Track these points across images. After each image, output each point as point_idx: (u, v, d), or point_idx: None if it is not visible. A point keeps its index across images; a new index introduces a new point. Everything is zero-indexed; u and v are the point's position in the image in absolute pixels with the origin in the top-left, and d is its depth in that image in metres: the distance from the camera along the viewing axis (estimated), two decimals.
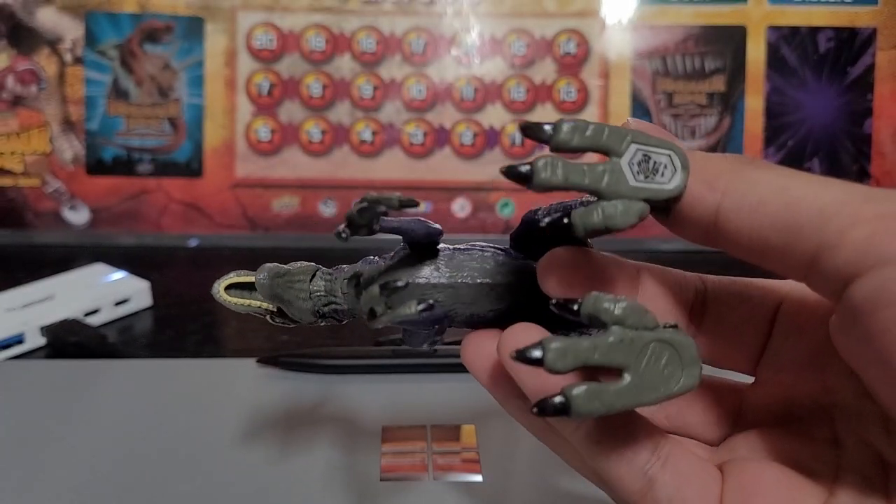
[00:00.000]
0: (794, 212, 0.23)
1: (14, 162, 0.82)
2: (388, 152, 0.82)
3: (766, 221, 0.23)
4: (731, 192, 0.24)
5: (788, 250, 0.23)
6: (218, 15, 0.82)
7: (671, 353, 0.25)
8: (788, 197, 0.23)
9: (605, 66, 0.82)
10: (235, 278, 0.33)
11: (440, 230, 0.30)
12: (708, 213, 0.25)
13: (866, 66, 0.82)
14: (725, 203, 0.24)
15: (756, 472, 0.28)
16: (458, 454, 0.47)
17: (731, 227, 0.24)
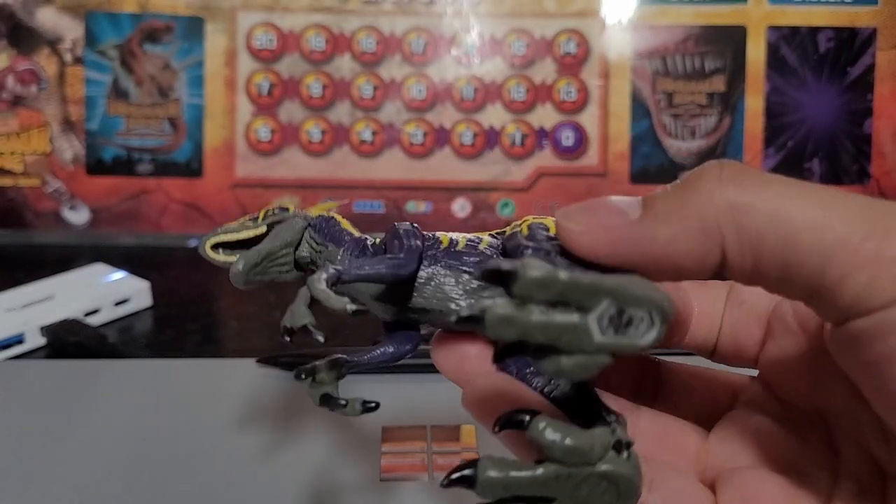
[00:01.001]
0: (793, 249, 0.22)
1: (14, 162, 0.82)
2: (387, 152, 0.82)
3: (765, 256, 0.23)
4: (728, 232, 0.23)
5: (788, 284, 0.23)
6: (218, 15, 0.82)
7: (608, 485, 0.24)
8: (786, 230, 0.22)
9: (606, 66, 0.82)
10: (223, 236, 0.32)
11: (413, 265, 0.28)
12: (712, 261, 0.23)
13: (866, 66, 0.82)
14: (726, 245, 0.23)
15: (754, 485, 0.27)
16: (458, 454, 0.47)
17: (735, 264, 0.23)
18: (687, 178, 0.24)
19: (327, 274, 0.27)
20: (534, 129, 0.82)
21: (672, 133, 0.82)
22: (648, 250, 0.23)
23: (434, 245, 0.29)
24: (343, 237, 0.31)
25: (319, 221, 0.32)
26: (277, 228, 0.32)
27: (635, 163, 0.82)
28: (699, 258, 0.23)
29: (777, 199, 0.22)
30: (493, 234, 0.30)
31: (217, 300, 0.75)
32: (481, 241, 0.30)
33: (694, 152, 0.82)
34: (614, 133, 0.82)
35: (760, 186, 0.22)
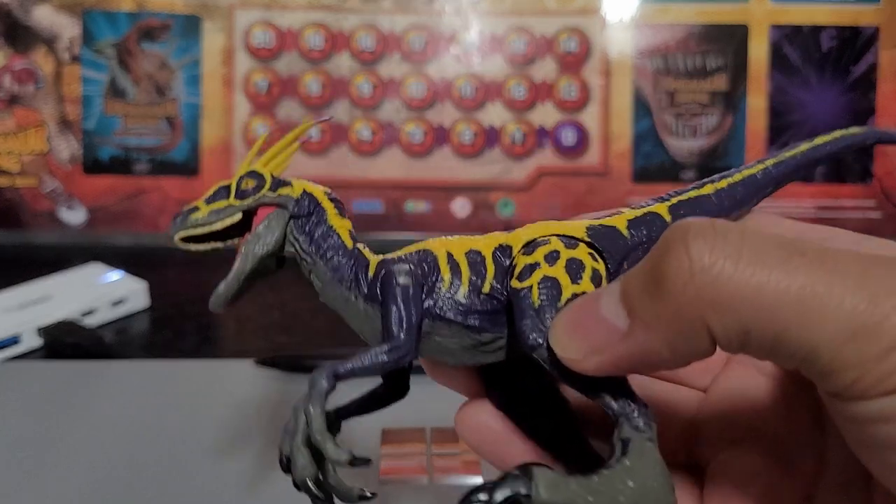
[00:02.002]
0: (780, 343, 0.21)
1: (11, 161, 0.81)
2: (387, 151, 0.82)
3: (752, 346, 0.22)
4: (715, 327, 0.22)
5: (778, 362, 0.23)
6: (215, 13, 0.81)
7: None
8: (772, 329, 0.21)
9: (607, 64, 0.82)
10: (193, 230, 0.29)
11: (413, 350, 0.27)
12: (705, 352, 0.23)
13: (869, 64, 0.82)
14: (715, 336, 0.22)
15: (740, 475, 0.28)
16: (458, 456, 0.47)
17: (723, 348, 0.23)
18: (655, 266, 0.22)
19: (321, 389, 0.25)
20: (534, 128, 0.82)
21: (674, 132, 0.82)
22: (651, 360, 0.23)
23: (434, 286, 0.28)
24: (333, 249, 0.29)
25: (303, 213, 0.29)
26: (254, 234, 0.29)
27: (637, 162, 0.82)
28: (696, 354, 0.23)
29: (759, 292, 0.21)
30: (499, 245, 0.28)
31: None
32: (485, 275, 0.28)
33: (696, 151, 0.82)
34: (616, 132, 0.82)
35: (735, 272, 0.21)
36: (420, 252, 0.28)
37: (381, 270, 0.28)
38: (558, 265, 0.27)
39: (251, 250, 0.29)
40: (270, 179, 0.30)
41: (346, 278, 0.28)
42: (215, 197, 0.29)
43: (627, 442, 0.24)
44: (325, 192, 0.30)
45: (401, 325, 0.26)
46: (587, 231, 0.28)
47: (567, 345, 0.24)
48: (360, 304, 0.28)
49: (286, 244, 0.29)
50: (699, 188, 0.30)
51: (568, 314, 0.25)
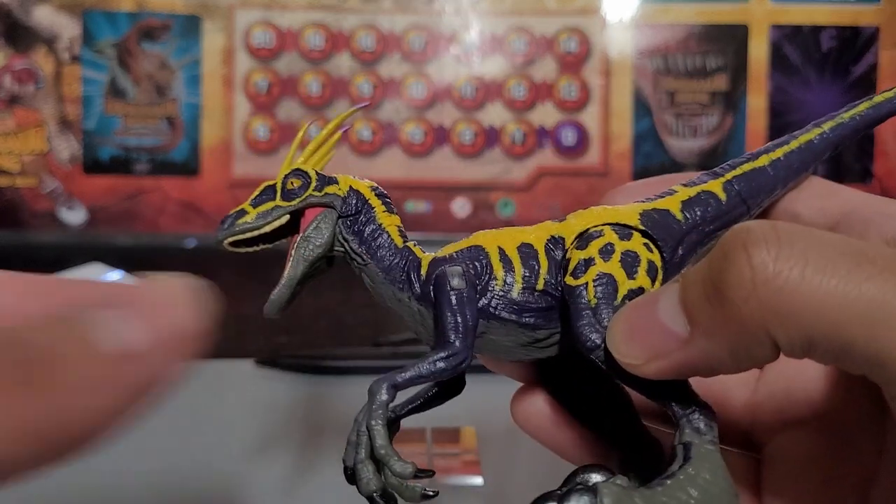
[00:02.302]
0: (846, 353, 0.21)
1: (11, 161, 0.81)
2: (387, 151, 0.82)
3: (818, 355, 0.22)
4: (779, 337, 0.21)
5: (844, 367, 0.22)
6: (216, 13, 0.81)
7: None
8: (839, 340, 0.21)
9: (607, 64, 0.82)
10: (241, 235, 0.28)
11: (469, 355, 0.26)
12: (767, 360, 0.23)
13: (869, 64, 0.81)
14: (780, 344, 0.22)
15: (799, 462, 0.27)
16: (458, 456, 0.47)
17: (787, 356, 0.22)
18: (716, 274, 0.22)
19: (381, 402, 0.26)
20: (534, 128, 0.82)
21: (674, 132, 0.82)
22: (712, 367, 0.23)
23: (487, 286, 0.27)
24: (383, 248, 0.28)
25: (351, 212, 0.28)
26: (302, 237, 0.28)
27: (637, 162, 0.82)
28: (759, 361, 0.22)
29: (825, 305, 0.21)
30: (551, 237, 0.28)
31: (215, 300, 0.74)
32: (539, 270, 0.27)
33: (696, 151, 0.82)
34: (616, 132, 0.82)
35: (801, 282, 0.21)
36: (471, 249, 0.28)
37: (433, 271, 0.27)
38: (613, 260, 0.26)
39: (301, 255, 0.28)
40: (316, 177, 0.29)
41: (397, 279, 0.28)
42: (261, 198, 0.29)
43: (689, 447, 0.24)
44: (371, 188, 0.29)
45: (457, 330, 0.26)
46: (640, 218, 0.27)
47: (626, 350, 0.24)
48: (412, 304, 0.28)
49: (335, 244, 0.29)
50: (753, 160, 0.29)
51: (625, 318, 0.25)
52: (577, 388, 0.30)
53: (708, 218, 0.28)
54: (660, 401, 0.25)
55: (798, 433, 0.28)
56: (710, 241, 0.28)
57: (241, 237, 0.28)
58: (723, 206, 0.28)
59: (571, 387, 0.30)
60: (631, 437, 0.29)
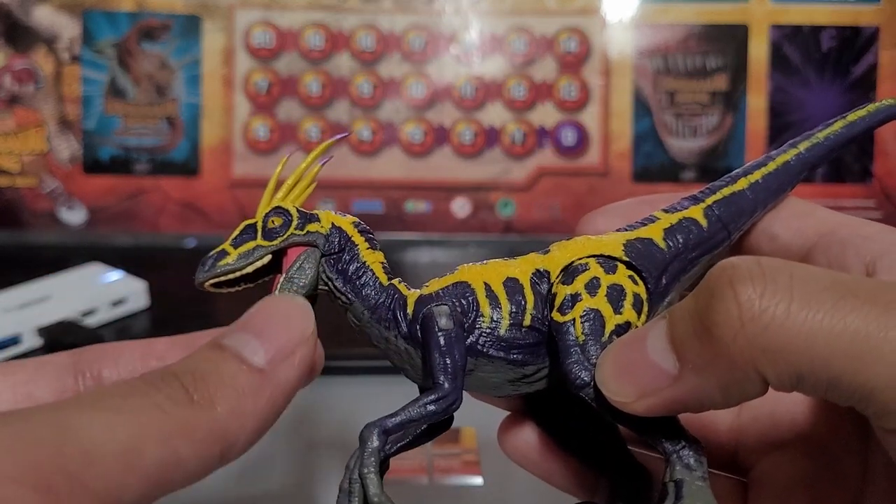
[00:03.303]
0: (834, 388, 0.21)
1: (11, 161, 0.81)
2: (387, 151, 0.82)
3: (806, 390, 0.22)
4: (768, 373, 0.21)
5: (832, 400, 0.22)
6: (216, 13, 0.81)
7: None
8: (826, 375, 0.21)
9: (607, 64, 0.82)
10: (223, 277, 0.28)
11: (460, 396, 0.26)
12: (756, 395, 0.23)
13: (869, 64, 0.81)
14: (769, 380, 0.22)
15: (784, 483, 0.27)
16: (458, 456, 0.47)
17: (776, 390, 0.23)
18: (703, 311, 0.22)
19: (372, 449, 0.25)
20: (534, 128, 0.82)
21: (674, 132, 0.82)
22: (703, 404, 0.23)
23: (474, 323, 0.27)
24: (368, 286, 0.28)
25: (335, 250, 0.28)
26: (286, 278, 0.28)
27: (637, 162, 0.82)
28: (748, 396, 0.23)
29: (811, 340, 0.21)
30: (536, 270, 0.27)
31: (215, 300, 0.74)
32: (525, 305, 0.27)
33: (696, 151, 0.82)
34: (616, 132, 0.82)
35: (787, 318, 0.21)
36: (457, 285, 0.27)
37: (420, 310, 0.27)
38: (599, 294, 0.26)
39: (290, 279, 0.28)
40: (297, 215, 0.29)
41: (383, 317, 0.28)
42: (242, 238, 0.29)
43: (681, 484, 0.24)
44: (353, 224, 0.29)
45: (446, 372, 0.26)
46: (624, 248, 0.27)
47: (616, 388, 0.24)
48: (399, 343, 0.28)
49: (319, 283, 0.28)
50: (732, 183, 0.29)
51: (614, 356, 0.25)
52: (565, 418, 0.30)
53: (690, 245, 0.28)
54: (649, 437, 0.25)
55: (783, 456, 0.28)
56: (692, 267, 0.28)
57: (223, 279, 0.29)
58: (704, 232, 0.28)
59: (558, 417, 0.30)
60: (618, 464, 0.29)
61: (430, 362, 0.26)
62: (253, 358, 0.23)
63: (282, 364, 0.24)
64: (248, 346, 0.23)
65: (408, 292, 0.28)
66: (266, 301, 0.25)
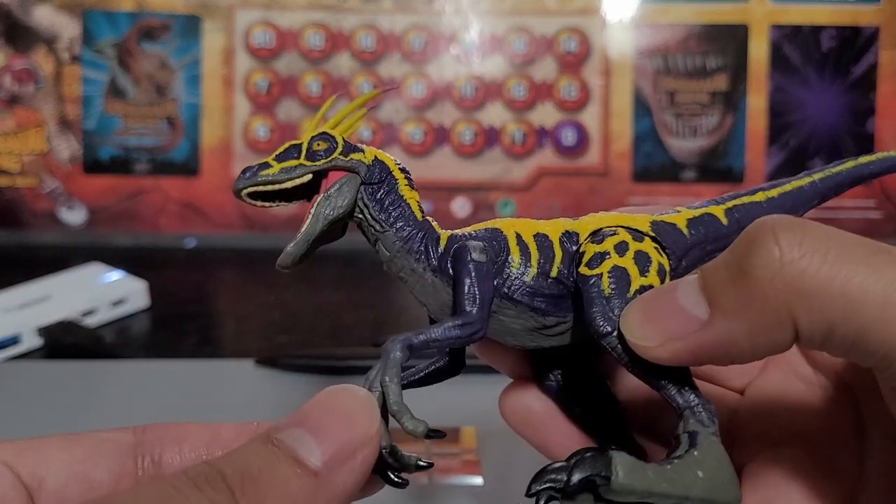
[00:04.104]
0: (863, 340, 0.21)
1: (11, 161, 0.81)
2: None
3: (836, 342, 0.22)
4: (801, 320, 0.22)
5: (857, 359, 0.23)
6: (215, 13, 0.81)
7: None
8: (857, 324, 0.21)
9: (607, 64, 0.82)
10: (262, 187, 0.28)
11: (485, 327, 0.27)
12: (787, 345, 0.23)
13: (869, 64, 0.81)
14: (800, 329, 0.22)
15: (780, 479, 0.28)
16: (458, 456, 0.47)
17: (805, 344, 0.23)
18: (741, 257, 0.22)
19: (396, 360, 0.25)
20: (534, 128, 0.82)
21: (674, 132, 0.82)
22: (730, 351, 0.23)
23: (503, 266, 0.28)
24: (403, 219, 0.28)
25: (375, 180, 0.29)
26: (325, 196, 0.28)
27: (637, 162, 0.82)
28: (776, 346, 0.23)
29: (846, 287, 0.21)
30: (566, 231, 0.28)
31: (215, 300, 0.74)
32: (553, 259, 0.28)
33: (696, 151, 0.82)
34: (616, 132, 0.82)
35: (824, 265, 0.21)
36: (489, 230, 0.28)
37: (452, 245, 0.28)
38: (627, 256, 0.27)
39: (322, 212, 0.28)
40: (343, 143, 0.29)
41: (415, 249, 0.28)
42: (286, 155, 0.29)
43: (695, 435, 0.25)
44: (395, 162, 0.29)
45: (474, 301, 0.27)
46: (651, 226, 0.28)
47: (641, 333, 0.24)
48: (427, 276, 0.28)
49: (356, 209, 0.29)
50: (752, 195, 0.31)
51: (643, 303, 0.25)
52: (572, 389, 0.30)
53: (710, 237, 0.29)
54: (665, 391, 0.25)
55: (779, 453, 0.28)
56: (709, 259, 0.29)
57: (262, 189, 0.28)
58: (724, 228, 0.29)
59: (565, 387, 0.30)
60: (619, 443, 0.29)
61: (459, 292, 0.27)
62: (309, 459, 0.21)
63: (340, 468, 0.21)
64: (304, 444, 0.21)
65: (441, 231, 0.29)
66: (326, 393, 0.23)
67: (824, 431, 0.28)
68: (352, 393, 0.23)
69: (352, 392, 0.23)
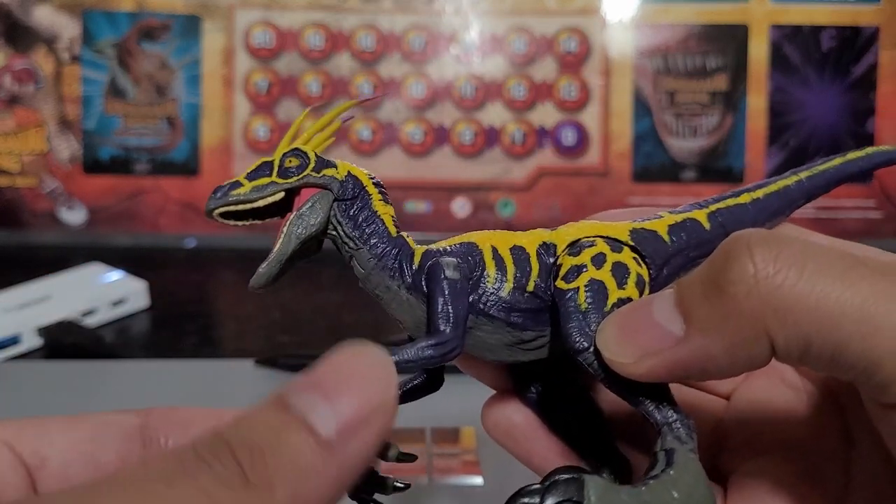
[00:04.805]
0: (841, 354, 0.21)
1: (11, 161, 0.81)
2: (386, 151, 0.82)
3: (812, 356, 0.22)
4: (776, 336, 0.22)
5: (835, 373, 0.23)
6: (216, 13, 0.81)
7: None
8: (834, 338, 0.21)
9: (607, 64, 0.82)
10: (234, 207, 0.28)
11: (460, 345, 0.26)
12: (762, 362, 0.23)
13: (869, 64, 0.81)
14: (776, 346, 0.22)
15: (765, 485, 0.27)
16: (458, 456, 0.47)
17: (781, 359, 0.23)
18: (717, 273, 0.22)
19: None
20: (534, 128, 0.82)
21: (674, 132, 0.82)
22: (706, 367, 0.23)
23: (479, 281, 0.27)
24: (377, 236, 0.28)
25: (348, 196, 0.28)
26: (297, 214, 0.28)
27: (637, 162, 0.82)
28: (753, 362, 0.23)
29: (821, 303, 0.21)
30: (543, 242, 0.28)
31: (215, 300, 0.74)
32: (530, 272, 0.27)
33: (696, 151, 0.82)
34: (616, 132, 0.82)
35: (799, 280, 0.21)
36: (465, 245, 0.28)
37: (426, 261, 0.28)
38: (605, 268, 0.26)
39: (294, 231, 0.28)
40: (315, 158, 0.29)
41: (389, 266, 0.28)
42: (257, 173, 0.29)
43: (672, 452, 0.24)
44: (369, 176, 0.29)
45: (448, 319, 0.26)
46: (630, 234, 0.28)
47: (617, 349, 0.24)
48: (402, 294, 0.28)
49: (329, 227, 0.28)
50: (736, 196, 0.30)
51: (619, 319, 0.25)
52: (554, 400, 0.30)
53: (692, 243, 0.29)
54: (642, 407, 0.25)
55: (766, 461, 0.28)
56: (692, 266, 0.29)
57: (233, 209, 0.28)
58: (706, 233, 0.29)
59: (547, 399, 0.30)
60: (603, 454, 0.29)
61: (432, 310, 0.26)
62: (322, 427, 0.19)
63: (354, 437, 0.19)
64: (316, 410, 0.19)
65: (415, 246, 0.29)
66: (341, 353, 0.21)
67: (811, 440, 0.28)
68: (369, 353, 0.21)
69: (369, 352, 0.21)
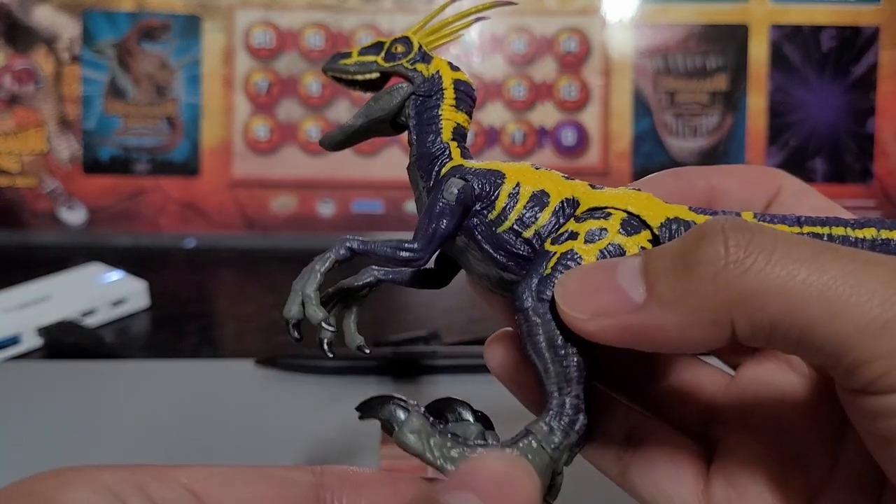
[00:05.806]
0: (807, 339, 0.21)
1: (11, 161, 0.81)
2: (386, 151, 0.82)
3: (777, 342, 0.22)
4: (739, 322, 0.22)
5: (801, 356, 0.23)
6: (216, 13, 0.81)
7: None
8: (800, 324, 0.21)
9: (607, 64, 0.82)
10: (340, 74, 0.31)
11: (425, 259, 0.27)
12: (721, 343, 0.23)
13: (869, 64, 0.81)
14: (737, 330, 0.22)
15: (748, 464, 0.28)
16: None
17: (744, 342, 0.23)
18: (687, 250, 0.22)
19: (333, 256, 0.27)
20: (534, 128, 0.82)
21: (674, 132, 0.82)
22: (656, 338, 0.23)
23: (483, 209, 0.28)
24: (429, 135, 0.30)
25: (424, 93, 0.30)
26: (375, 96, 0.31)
27: (637, 162, 0.82)
28: (707, 343, 0.23)
29: (788, 285, 0.21)
30: (569, 198, 0.28)
31: (215, 300, 0.74)
32: (535, 221, 0.27)
33: (696, 151, 0.82)
34: (616, 132, 0.82)
35: (767, 265, 0.21)
36: (494, 172, 0.28)
37: (446, 174, 0.29)
38: (594, 245, 0.26)
39: (366, 110, 0.31)
40: (416, 51, 0.30)
41: (423, 167, 0.30)
42: (368, 50, 0.31)
43: (527, 435, 0.25)
44: (455, 80, 0.30)
45: (425, 233, 0.27)
46: (662, 223, 0.26)
47: (573, 303, 0.24)
48: (423, 196, 0.29)
49: (401, 115, 0.31)
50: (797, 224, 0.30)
51: (581, 274, 0.25)
52: None
53: None
54: (547, 379, 0.25)
55: (754, 437, 0.29)
56: None
57: (339, 75, 0.31)
58: None
59: None
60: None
61: (420, 219, 0.28)
62: None
63: None
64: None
65: (456, 158, 0.29)
66: (489, 457, 0.22)
67: (803, 425, 0.28)
68: (508, 458, 0.23)
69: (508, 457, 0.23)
